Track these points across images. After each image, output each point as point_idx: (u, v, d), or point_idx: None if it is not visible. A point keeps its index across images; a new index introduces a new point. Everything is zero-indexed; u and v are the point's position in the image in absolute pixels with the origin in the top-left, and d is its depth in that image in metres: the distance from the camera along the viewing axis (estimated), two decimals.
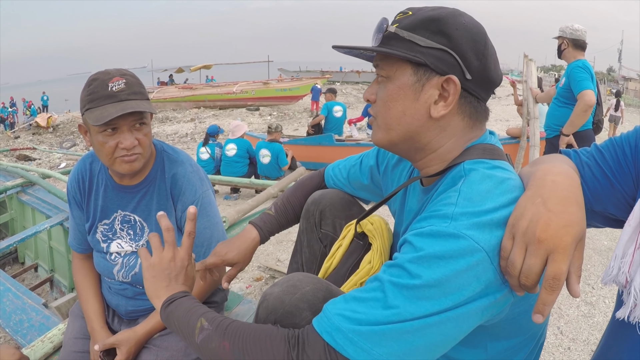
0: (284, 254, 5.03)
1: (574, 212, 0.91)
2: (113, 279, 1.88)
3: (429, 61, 1.10)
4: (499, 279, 0.94)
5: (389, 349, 0.94)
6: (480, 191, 1.01)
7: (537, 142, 5.63)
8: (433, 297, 0.92)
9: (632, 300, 0.90)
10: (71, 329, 1.93)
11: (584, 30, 4.23)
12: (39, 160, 14.59)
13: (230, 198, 8.36)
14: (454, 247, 0.93)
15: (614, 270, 0.97)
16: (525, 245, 0.89)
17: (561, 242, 0.87)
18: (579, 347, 3.18)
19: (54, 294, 4.29)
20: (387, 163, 1.59)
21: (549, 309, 0.88)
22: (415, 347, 0.94)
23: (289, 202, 1.83)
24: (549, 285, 0.87)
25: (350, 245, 1.59)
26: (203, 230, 1.84)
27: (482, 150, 1.15)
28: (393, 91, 1.15)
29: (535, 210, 0.91)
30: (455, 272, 0.92)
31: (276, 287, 1.29)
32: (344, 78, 47.13)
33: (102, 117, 1.54)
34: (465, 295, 0.92)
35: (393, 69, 1.15)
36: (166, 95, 28.40)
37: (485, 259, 0.93)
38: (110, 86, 1.59)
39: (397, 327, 0.94)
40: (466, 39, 1.11)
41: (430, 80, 1.12)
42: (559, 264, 0.87)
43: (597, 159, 1.14)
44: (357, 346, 0.95)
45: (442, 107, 1.13)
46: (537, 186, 0.98)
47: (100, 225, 1.87)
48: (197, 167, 1.92)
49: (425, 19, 1.12)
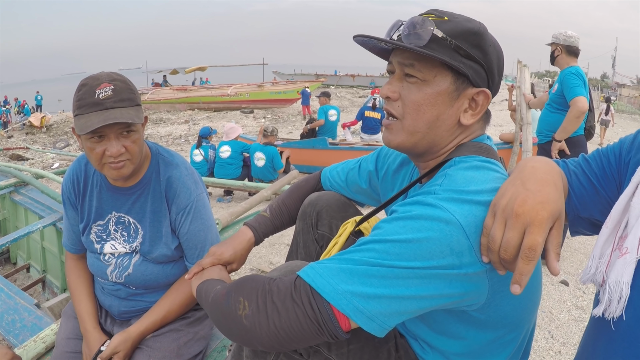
0: (276, 256, 5.03)
1: (550, 192, 0.98)
2: (106, 280, 1.88)
3: (469, 73, 1.16)
4: (474, 256, 0.99)
5: (353, 288, 1.00)
6: (466, 176, 1.08)
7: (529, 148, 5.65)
8: (403, 253, 0.99)
9: (607, 297, 0.94)
10: (64, 329, 1.93)
11: (577, 37, 4.25)
12: (32, 160, 14.53)
13: (224, 200, 8.35)
14: (429, 213, 1.01)
15: (591, 270, 1.01)
16: (504, 220, 0.96)
17: (537, 216, 0.93)
18: (569, 351, 3.19)
19: (46, 295, 4.28)
20: (387, 169, 1.61)
21: (526, 279, 0.93)
22: (379, 295, 0.99)
23: (284, 204, 1.85)
24: (525, 255, 0.92)
25: (346, 242, 1.61)
26: (197, 232, 1.85)
27: (479, 148, 1.21)
28: (431, 96, 1.16)
29: (514, 190, 0.99)
30: (428, 237, 0.98)
31: (275, 272, 1.34)
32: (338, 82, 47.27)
33: (86, 127, 1.54)
34: (436, 262, 0.97)
35: (432, 73, 1.15)
36: (160, 96, 28.35)
37: (459, 231, 0.98)
38: (97, 93, 1.58)
39: (363, 269, 1.01)
40: (495, 56, 1.20)
41: (466, 90, 1.18)
42: (535, 236, 0.92)
43: (583, 167, 1.20)
44: (324, 279, 1.03)
45: (470, 116, 1.21)
46: (518, 171, 1.06)
47: (95, 226, 1.87)
48: (192, 169, 1.93)
49: (466, 31, 1.15)
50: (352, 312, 1.00)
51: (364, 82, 46.16)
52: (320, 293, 1.02)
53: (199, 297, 1.37)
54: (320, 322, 1.03)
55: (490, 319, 1.12)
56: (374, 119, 10.91)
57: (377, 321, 1.00)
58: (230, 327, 1.15)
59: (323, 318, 1.02)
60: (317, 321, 1.03)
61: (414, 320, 1.21)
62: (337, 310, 1.01)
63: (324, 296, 1.02)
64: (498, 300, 1.09)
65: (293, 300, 1.05)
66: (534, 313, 1.28)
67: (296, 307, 1.04)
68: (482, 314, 1.11)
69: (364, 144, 10.10)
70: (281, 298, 1.07)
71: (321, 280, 1.03)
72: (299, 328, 1.04)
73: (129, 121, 1.58)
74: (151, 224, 1.83)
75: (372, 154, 1.71)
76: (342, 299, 1.00)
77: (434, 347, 1.22)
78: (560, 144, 4.26)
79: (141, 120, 1.66)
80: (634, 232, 0.93)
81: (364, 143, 10.42)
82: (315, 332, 1.04)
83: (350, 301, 1.00)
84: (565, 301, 3.90)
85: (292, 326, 1.04)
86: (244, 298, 1.12)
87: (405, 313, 1.02)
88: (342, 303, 1.00)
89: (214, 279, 1.42)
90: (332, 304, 1.01)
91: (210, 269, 1.52)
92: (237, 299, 1.14)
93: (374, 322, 1.00)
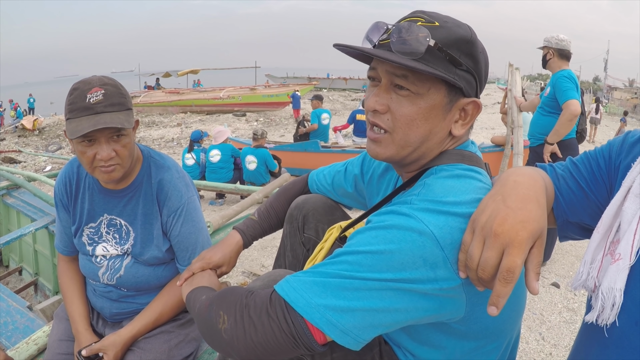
0: (268, 259, 5.03)
1: (532, 210, 0.95)
2: (98, 282, 1.88)
3: (462, 84, 1.11)
4: (450, 269, 0.97)
5: (326, 301, 1.00)
6: (445, 185, 1.06)
7: (520, 150, 5.68)
8: (375, 265, 0.98)
9: (600, 304, 0.93)
10: (56, 331, 1.93)
11: (569, 41, 4.28)
12: (25, 163, 14.49)
13: (216, 203, 8.35)
14: (402, 223, 0.99)
15: (583, 276, 0.99)
16: (483, 238, 0.93)
17: (517, 237, 0.90)
18: (560, 353, 3.21)
19: (38, 298, 4.26)
20: (372, 173, 1.60)
21: (503, 301, 0.90)
22: (352, 307, 0.99)
23: (272, 207, 1.86)
24: (502, 277, 0.89)
25: (332, 247, 1.61)
26: (188, 235, 1.85)
27: (461, 155, 1.18)
28: (425, 110, 1.10)
29: (495, 207, 0.95)
30: (399, 249, 0.97)
31: (258, 281, 1.37)
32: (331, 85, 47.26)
33: (76, 131, 1.56)
34: (408, 274, 0.96)
35: (426, 86, 1.09)
36: (153, 99, 28.28)
37: (433, 243, 0.96)
38: (88, 97, 1.59)
39: (335, 282, 1.01)
40: (484, 63, 1.16)
41: (459, 101, 1.14)
42: (514, 257, 0.89)
43: (572, 171, 1.18)
44: (298, 293, 1.03)
45: (461, 126, 1.18)
46: (500, 185, 1.03)
47: (87, 228, 1.88)
48: (183, 172, 1.93)
49: (458, 39, 1.09)
50: (326, 326, 1.00)
51: (357, 85, 46.10)
52: (294, 307, 1.02)
53: (189, 305, 1.38)
54: (295, 336, 1.03)
55: (470, 330, 1.12)
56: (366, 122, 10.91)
57: (351, 335, 1.00)
58: (212, 338, 1.16)
59: (297, 332, 1.02)
60: (292, 335, 1.03)
61: (396, 331, 1.20)
62: (311, 324, 1.01)
63: (298, 310, 1.02)
64: (478, 314, 1.08)
65: (268, 315, 1.05)
66: (518, 322, 1.27)
67: (271, 322, 1.04)
68: (462, 326, 1.10)
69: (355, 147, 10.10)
70: (257, 312, 1.07)
71: (295, 294, 1.03)
72: (275, 342, 1.05)
73: (119, 126, 1.59)
74: (142, 226, 1.84)
75: (358, 157, 1.70)
76: (315, 313, 1.00)
77: (416, 355, 1.22)
78: (553, 146, 4.28)
79: (131, 125, 1.66)
80: (627, 238, 0.92)
81: (355, 146, 10.42)
82: (290, 345, 1.05)
83: (323, 315, 1.00)
84: (556, 303, 3.92)
85: (268, 340, 1.05)
86: (223, 312, 1.13)
87: (380, 326, 1.02)
88: (315, 317, 1.00)
89: (202, 286, 1.42)
90: (306, 318, 1.01)
91: (200, 275, 1.53)
92: (218, 312, 1.15)
93: (348, 335, 1.00)
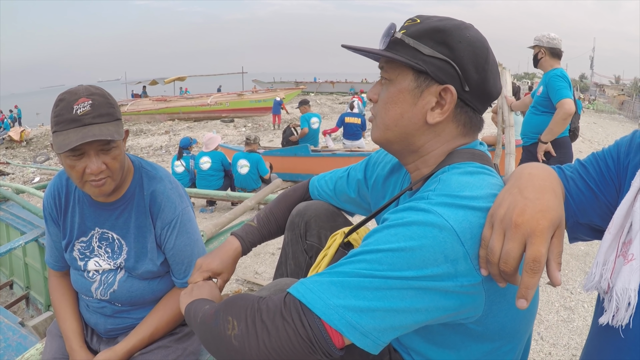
0: (262, 266, 5.00)
1: (550, 199, 0.96)
2: (91, 297, 1.83)
3: (430, 69, 1.15)
4: (470, 264, 0.96)
5: (345, 302, 0.97)
6: (460, 181, 1.06)
7: (512, 150, 5.68)
8: (396, 263, 0.95)
9: (615, 305, 0.92)
10: (49, 349, 1.87)
11: (560, 39, 4.31)
12: (13, 174, 14.36)
13: (207, 211, 8.30)
14: (422, 219, 0.97)
15: (595, 277, 0.99)
16: (503, 231, 0.93)
17: (538, 226, 0.90)
18: (559, 352, 3.20)
19: (30, 312, 4.19)
20: (376, 177, 1.58)
21: (532, 292, 0.89)
22: (373, 308, 0.96)
23: (272, 213, 1.82)
24: (529, 268, 0.89)
25: (335, 254, 1.58)
26: (183, 247, 1.81)
27: (472, 154, 1.19)
28: (393, 94, 1.21)
29: (512, 199, 0.96)
30: (421, 245, 0.95)
31: (263, 291, 1.33)
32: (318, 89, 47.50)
33: (64, 145, 1.49)
34: (430, 271, 0.94)
35: (395, 72, 1.20)
36: (140, 107, 28.29)
37: (454, 238, 0.95)
38: (75, 109, 1.52)
39: (355, 282, 0.98)
40: (468, 52, 1.16)
41: (429, 87, 1.17)
42: (538, 247, 0.89)
43: (581, 173, 1.18)
44: (315, 294, 1.00)
45: (437, 114, 1.18)
46: (515, 179, 1.04)
47: (78, 242, 1.82)
48: (176, 183, 1.88)
49: (431, 29, 1.17)
50: (345, 328, 0.96)
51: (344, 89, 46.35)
52: (311, 309, 0.98)
53: (188, 317, 1.32)
54: (312, 340, 0.98)
55: (487, 330, 1.10)
56: (355, 124, 10.96)
57: (371, 337, 0.96)
58: (219, 347, 1.11)
59: (315, 335, 0.98)
60: (308, 339, 0.98)
61: (408, 333, 1.16)
62: (329, 326, 0.97)
63: (315, 312, 0.98)
64: (495, 312, 1.06)
65: (283, 318, 1.01)
66: (531, 323, 1.26)
67: (286, 325, 1.00)
68: (479, 326, 1.08)
69: (346, 150, 10.12)
70: (270, 316, 1.03)
71: (312, 295, 0.99)
72: (290, 347, 1.00)
73: (109, 138, 1.53)
74: (136, 239, 1.79)
75: (361, 162, 1.70)
76: (334, 314, 0.96)
77: (429, 359, 1.19)
78: (547, 145, 4.29)
79: (121, 136, 1.60)
80: (639, 238, 0.92)
81: (346, 149, 10.44)
82: (307, 350, 1.00)
83: (342, 316, 0.96)
84: (553, 302, 3.91)
85: (283, 346, 1.00)
86: (233, 317, 1.09)
87: (400, 328, 0.98)
88: (334, 318, 0.96)
89: (202, 299, 1.37)
90: (324, 319, 0.97)
91: (200, 287, 1.47)
92: (226, 318, 1.10)
93: (367, 338, 0.96)
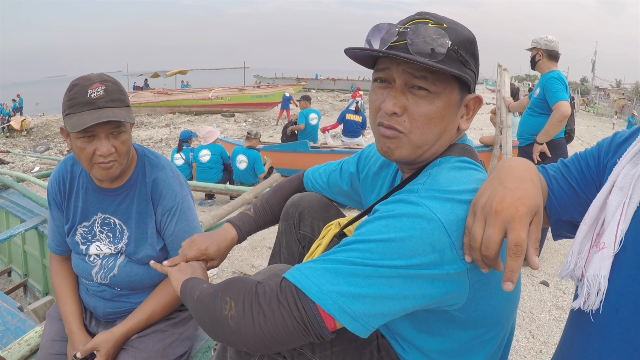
0: (258, 259, 5.03)
1: (528, 188, 1.01)
2: (91, 281, 1.87)
3: (471, 81, 1.18)
4: (455, 254, 1.00)
5: (338, 288, 1.02)
6: (448, 176, 1.11)
7: (509, 150, 5.71)
8: (386, 252, 1.00)
9: (586, 291, 0.98)
10: (48, 331, 1.91)
11: (557, 42, 4.34)
12: (13, 163, 14.37)
13: (205, 204, 8.33)
14: (411, 210, 1.02)
15: (570, 265, 1.04)
16: (484, 218, 0.98)
17: (517, 212, 0.95)
18: (550, 350, 3.24)
19: (27, 299, 4.21)
20: (367, 171, 1.62)
21: (516, 275, 0.94)
22: (363, 294, 1.01)
23: (268, 203, 1.86)
24: (512, 252, 0.94)
25: (329, 244, 1.62)
26: (182, 234, 1.85)
27: (463, 149, 1.23)
28: (442, 108, 1.14)
29: (492, 189, 1.01)
30: (410, 236, 1.00)
31: (258, 275, 1.35)
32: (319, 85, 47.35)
33: (79, 125, 1.56)
34: (418, 260, 0.99)
35: (443, 85, 1.13)
36: (141, 100, 28.16)
37: (440, 229, 1.00)
38: (89, 93, 1.59)
39: (347, 269, 1.03)
40: (478, 61, 1.21)
41: (466, 98, 1.21)
42: (518, 232, 0.94)
43: (563, 172, 1.24)
44: (309, 280, 1.05)
45: (466, 121, 1.24)
46: (496, 171, 1.09)
47: (80, 227, 1.86)
48: (177, 172, 1.93)
49: (465, 40, 1.15)
50: (337, 312, 1.01)
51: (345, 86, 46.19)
52: (305, 293, 1.03)
53: (183, 293, 1.35)
54: (306, 323, 1.03)
55: (470, 318, 1.14)
56: (355, 122, 10.96)
57: (360, 321, 1.02)
58: (214, 326, 1.15)
59: (309, 318, 1.03)
60: (302, 322, 1.04)
61: (395, 320, 1.21)
62: (323, 311, 1.02)
63: (310, 296, 1.03)
64: (478, 300, 1.11)
65: (279, 302, 1.05)
66: (513, 313, 1.30)
67: (282, 308, 1.05)
68: (462, 314, 1.13)
69: (345, 147, 10.12)
70: (267, 300, 1.07)
71: (307, 281, 1.04)
72: (285, 329, 1.05)
73: (122, 120, 1.60)
74: (137, 225, 1.83)
75: (354, 156, 1.73)
76: (327, 299, 1.01)
77: (414, 345, 1.24)
78: (542, 146, 4.32)
79: (132, 120, 1.69)
80: (611, 228, 0.97)
81: (344, 146, 10.44)
82: (301, 332, 1.05)
83: (335, 301, 1.01)
84: (545, 301, 3.95)
85: (277, 328, 1.05)
86: (231, 298, 1.13)
87: (388, 314, 1.03)
88: (328, 303, 1.01)
89: (198, 277, 1.40)
90: (318, 304, 1.02)
91: (194, 267, 1.51)
92: (224, 299, 1.14)
93: (358, 322, 1.02)
